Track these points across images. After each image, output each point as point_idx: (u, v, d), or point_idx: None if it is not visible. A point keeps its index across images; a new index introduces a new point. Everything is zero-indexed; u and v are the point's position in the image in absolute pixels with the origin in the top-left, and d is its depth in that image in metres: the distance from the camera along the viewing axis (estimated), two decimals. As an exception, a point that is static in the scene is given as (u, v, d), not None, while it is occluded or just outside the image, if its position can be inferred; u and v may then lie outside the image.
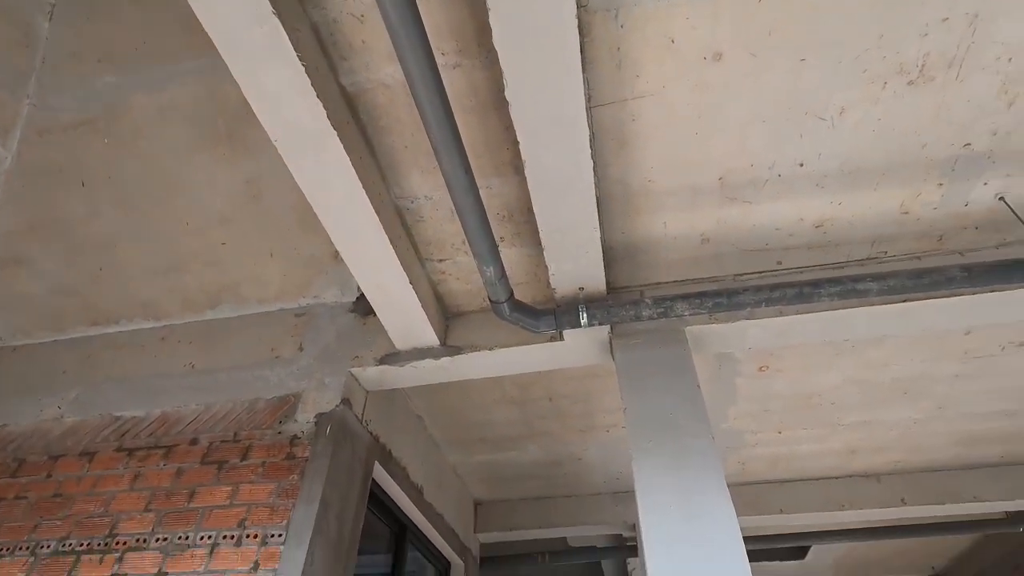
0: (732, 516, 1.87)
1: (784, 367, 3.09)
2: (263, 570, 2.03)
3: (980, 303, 2.26)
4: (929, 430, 3.59)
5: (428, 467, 3.53)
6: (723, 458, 3.93)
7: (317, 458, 2.30)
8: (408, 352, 2.62)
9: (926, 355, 2.98)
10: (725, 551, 1.79)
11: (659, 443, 2.08)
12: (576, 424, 3.60)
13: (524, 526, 4.38)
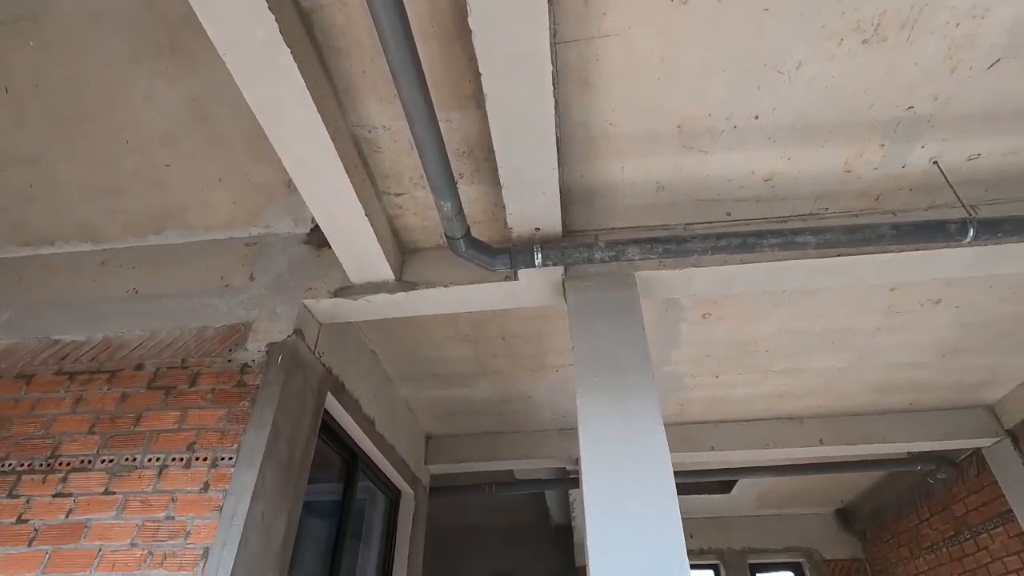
0: (664, 446, 2.02)
1: (726, 315, 3.25)
2: (213, 490, 2.08)
3: (905, 260, 2.43)
4: (850, 378, 3.90)
5: (381, 400, 3.60)
6: (664, 399, 4.17)
7: (268, 386, 2.31)
8: (363, 286, 2.62)
9: (853, 309, 3.20)
10: (655, 475, 1.94)
11: (603, 379, 2.19)
12: (527, 364, 3.72)
13: (473, 459, 4.57)
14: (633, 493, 1.94)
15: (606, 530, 1.93)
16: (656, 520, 1.92)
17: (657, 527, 1.91)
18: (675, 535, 1.88)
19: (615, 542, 1.92)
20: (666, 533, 1.90)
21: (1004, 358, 3.68)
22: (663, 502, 1.94)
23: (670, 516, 1.92)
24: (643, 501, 1.95)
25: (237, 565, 1.93)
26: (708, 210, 2.54)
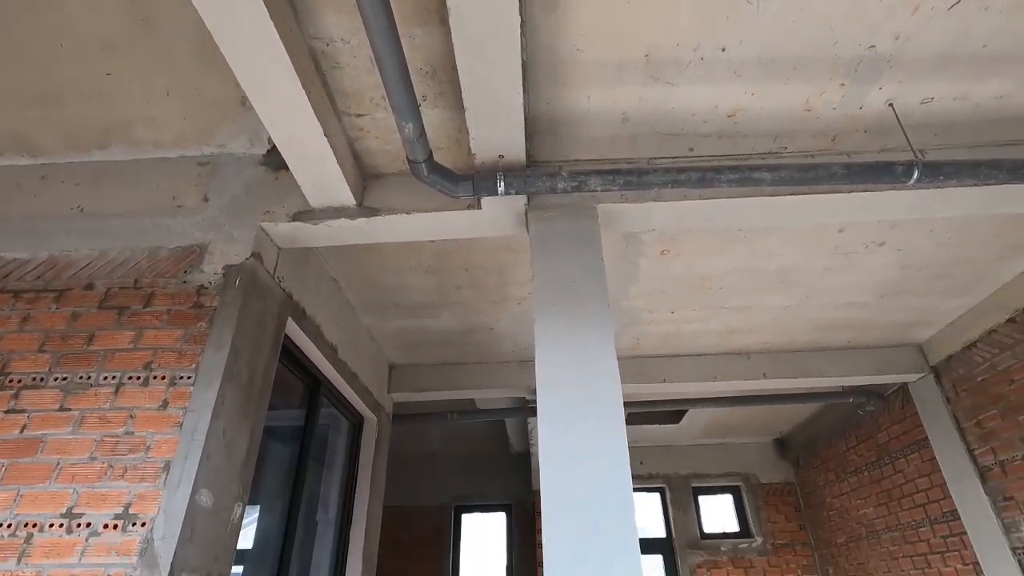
0: (615, 369, 2.12)
1: (683, 251, 3.35)
2: (173, 407, 2.10)
3: (854, 201, 2.53)
4: (795, 316, 4.11)
5: (343, 328, 3.62)
6: (621, 333, 4.32)
7: (226, 308, 2.30)
8: (323, 210, 2.57)
9: (804, 248, 3.34)
10: (605, 396, 2.06)
11: (561, 307, 2.26)
12: (489, 295, 3.78)
13: (435, 388, 4.70)
14: (583, 412, 2.06)
15: (557, 446, 2.05)
16: (603, 438, 2.05)
17: (604, 444, 2.04)
18: (620, 451, 2.02)
19: (564, 457, 2.04)
20: (612, 449, 2.03)
21: (937, 300, 3.93)
22: (611, 421, 2.07)
23: (616, 434, 2.05)
24: (592, 420, 2.07)
25: (199, 477, 1.98)
26: (671, 145, 2.56)
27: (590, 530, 1.91)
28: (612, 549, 1.89)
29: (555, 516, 1.93)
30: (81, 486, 1.96)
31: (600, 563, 1.85)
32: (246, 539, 3.26)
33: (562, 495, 1.96)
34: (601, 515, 1.93)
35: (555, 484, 1.97)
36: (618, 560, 1.87)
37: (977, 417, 4.07)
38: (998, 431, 3.89)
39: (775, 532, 6.73)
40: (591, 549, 1.88)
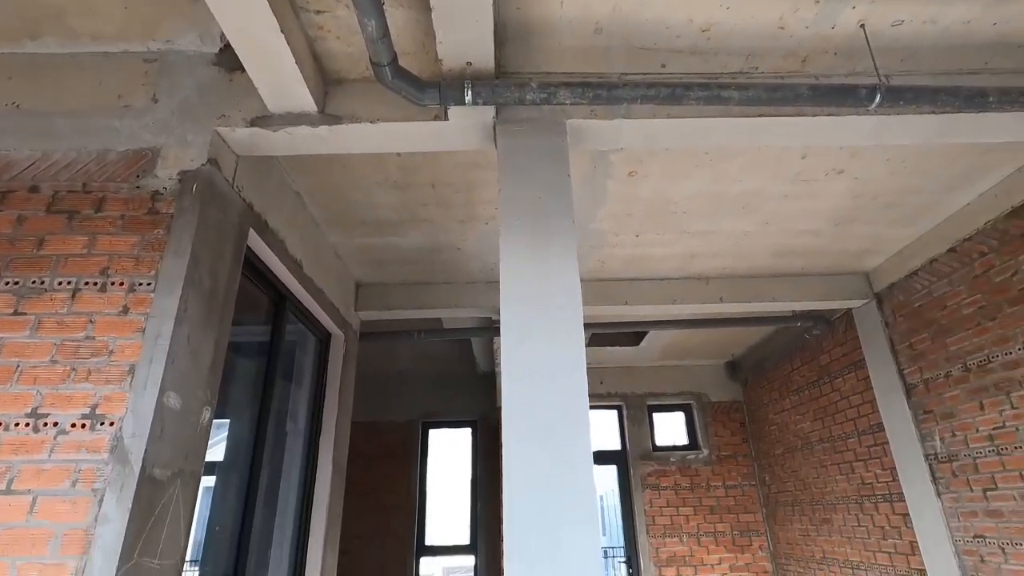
0: (576, 285, 2.19)
1: (650, 173, 3.37)
2: (134, 313, 2.08)
3: (818, 125, 2.56)
4: (754, 242, 4.25)
5: (307, 244, 3.58)
6: (587, 256, 4.40)
7: (184, 214, 2.24)
8: (282, 116, 2.47)
9: (766, 174, 3.40)
10: (566, 311, 2.14)
11: (526, 222, 2.29)
12: (457, 214, 3.76)
13: (402, 306, 4.75)
14: (545, 325, 2.14)
15: (518, 357, 2.14)
16: (563, 350, 2.14)
17: (563, 356, 2.14)
18: (578, 363, 2.12)
19: (524, 368, 2.14)
20: (571, 361, 2.13)
21: (886, 229, 4.10)
22: (570, 334, 2.16)
23: (575, 346, 2.15)
24: (553, 333, 2.15)
25: (166, 380, 2.01)
26: (643, 60, 2.51)
27: (547, 437, 2.04)
28: (567, 455, 2.03)
29: (514, 424, 2.04)
30: (44, 387, 1.97)
31: (555, 468, 1.99)
32: (217, 452, 3.36)
33: (521, 404, 2.07)
34: (557, 423, 2.06)
35: (515, 394, 2.08)
36: (572, 464, 2.01)
37: (910, 340, 4.38)
38: (926, 352, 4.21)
39: (720, 445, 7.28)
40: (547, 455, 2.02)
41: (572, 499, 1.97)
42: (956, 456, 3.95)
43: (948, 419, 4.02)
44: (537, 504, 1.97)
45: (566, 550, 1.94)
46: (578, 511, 1.95)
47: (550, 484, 2.00)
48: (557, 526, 1.93)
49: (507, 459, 1.99)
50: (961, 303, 3.90)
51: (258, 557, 3.82)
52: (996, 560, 3.64)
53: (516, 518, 1.93)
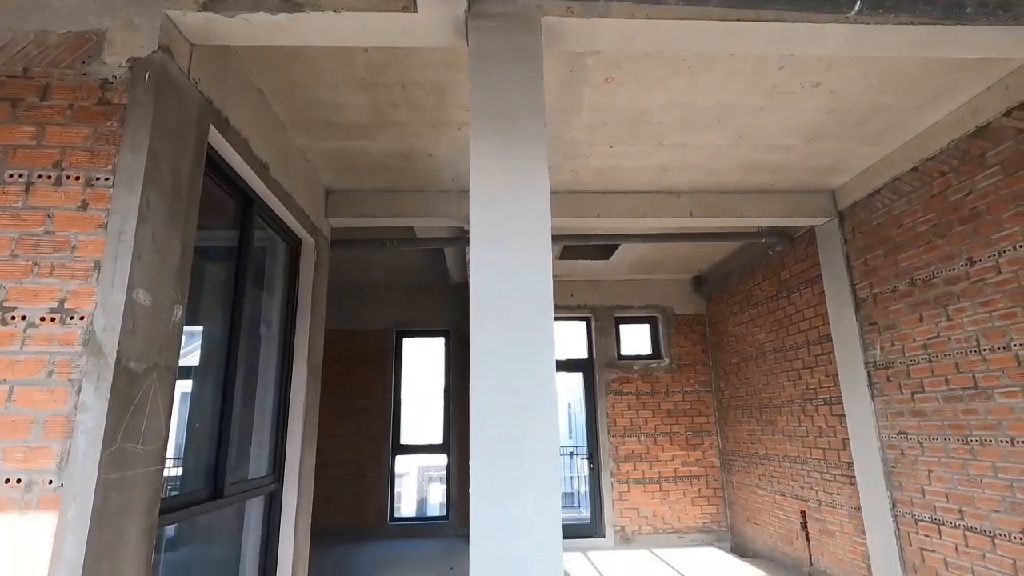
0: (545, 188, 2.21)
1: (627, 80, 3.29)
2: (94, 209, 2.04)
3: (796, 32, 2.51)
4: (726, 156, 4.26)
5: (273, 145, 3.46)
6: (560, 166, 4.37)
7: (137, 106, 2.14)
8: (238, 0, 2.30)
9: (742, 85, 3.36)
10: (534, 213, 2.17)
11: (498, 126, 2.25)
12: (428, 118, 3.65)
13: (374, 214, 4.71)
14: (513, 228, 2.18)
15: (486, 260, 2.19)
16: (531, 252, 2.20)
17: (531, 258, 2.20)
18: (544, 265, 2.19)
19: (492, 272, 2.20)
20: (538, 264, 2.20)
21: (855, 146, 4.15)
22: (538, 238, 2.20)
23: (542, 248, 2.20)
24: (521, 236, 2.20)
25: (134, 277, 2.01)
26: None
27: (513, 337, 2.14)
28: (531, 355, 2.14)
29: (481, 324, 2.13)
30: (7, 282, 1.96)
31: (519, 368, 2.11)
32: (192, 358, 3.42)
33: (489, 304, 2.15)
34: (523, 323, 2.15)
35: (483, 294, 2.15)
36: (535, 364, 2.13)
37: (864, 257, 4.59)
38: (878, 268, 4.43)
39: (681, 355, 7.69)
40: (512, 356, 2.12)
41: (534, 398, 2.11)
42: (892, 364, 4.29)
43: (890, 330, 4.32)
44: (501, 401, 2.11)
45: (528, 445, 2.11)
46: (539, 409, 2.10)
47: (514, 384, 2.13)
48: (520, 423, 2.08)
49: (474, 358, 2.10)
50: (916, 221, 4.05)
51: (239, 453, 4.01)
52: (914, 453, 4.07)
53: (481, 415, 2.07)
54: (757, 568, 5.79)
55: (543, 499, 2.02)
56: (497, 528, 1.98)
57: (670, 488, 7.22)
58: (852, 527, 4.78)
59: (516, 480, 2.02)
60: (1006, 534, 3.37)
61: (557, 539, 2.01)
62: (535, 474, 2.02)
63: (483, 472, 2.02)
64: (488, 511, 1.99)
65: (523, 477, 2.01)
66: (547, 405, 2.08)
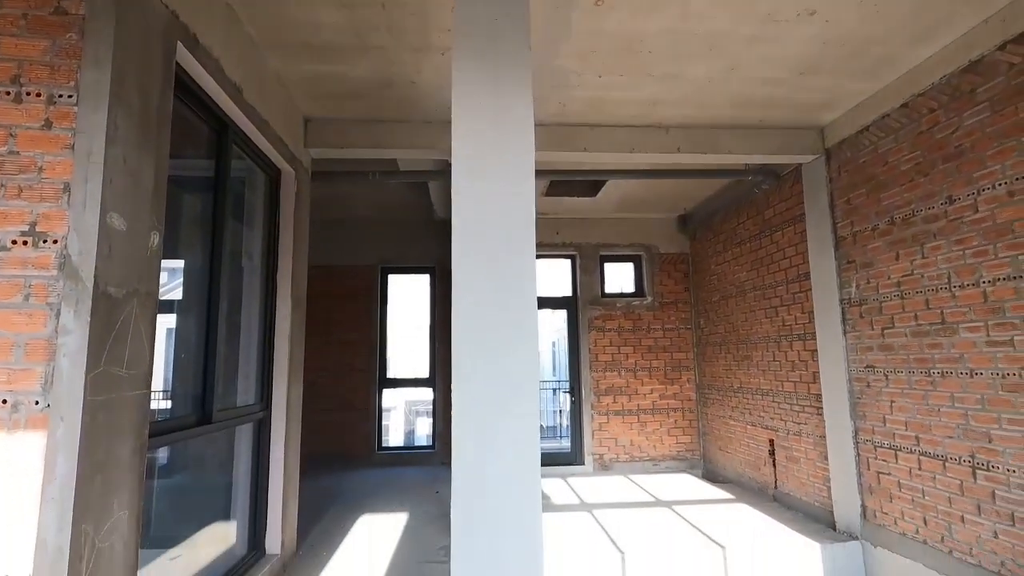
0: (529, 112, 2.16)
1: (617, 5, 3.15)
2: (59, 128, 1.96)
3: (794, -48, 2.41)
4: (717, 90, 4.17)
5: (247, 67, 3.30)
6: (548, 97, 4.25)
7: (97, 16, 2.01)
8: (199, -100, 2.13)
9: (737, 12, 3.23)
10: (517, 138, 2.13)
11: (482, 48, 2.17)
12: (411, 41, 3.49)
13: (355, 145, 4.58)
14: (497, 152, 2.14)
15: (468, 188, 2.17)
16: (514, 179, 2.18)
17: (513, 188, 2.18)
18: (527, 195, 2.17)
19: (475, 200, 2.18)
20: (520, 193, 2.18)
21: (847, 81, 4.08)
22: (521, 165, 2.18)
23: (525, 177, 2.18)
24: (505, 162, 2.17)
25: (106, 200, 1.96)
26: None
27: (494, 267, 2.15)
28: (512, 282, 2.16)
29: (464, 255, 2.14)
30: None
31: (500, 296, 2.13)
32: (177, 293, 3.40)
33: (472, 233, 2.15)
34: (505, 253, 2.16)
35: (465, 223, 2.14)
36: (517, 288, 2.16)
37: (848, 195, 4.61)
38: (860, 207, 4.46)
39: (664, 293, 7.81)
40: (493, 282, 2.15)
41: (515, 326, 2.15)
42: (866, 300, 4.41)
43: (866, 268, 4.41)
44: (482, 329, 2.15)
45: (509, 371, 2.16)
46: (520, 337, 2.14)
47: (495, 312, 2.16)
48: (501, 350, 2.13)
49: (456, 287, 2.12)
50: (901, 159, 4.05)
51: (226, 382, 4.08)
52: (879, 385, 4.27)
53: (463, 339, 2.11)
54: (725, 491, 6.16)
55: (522, 423, 2.10)
56: (478, 451, 2.07)
57: (648, 419, 7.53)
58: (816, 454, 5.07)
59: (496, 405, 2.09)
60: (956, 458, 3.61)
61: (535, 462, 2.11)
62: (515, 400, 2.09)
63: (465, 397, 2.08)
64: (469, 434, 2.08)
65: (503, 402, 2.09)
66: (527, 333, 2.12)
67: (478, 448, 2.09)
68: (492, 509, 2.03)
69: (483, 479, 2.08)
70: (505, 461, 2.08)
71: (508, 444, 2.09)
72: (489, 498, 2.03)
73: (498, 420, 2.11)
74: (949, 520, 3.66)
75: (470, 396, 2.09)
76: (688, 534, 4.64)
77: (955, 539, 3.61)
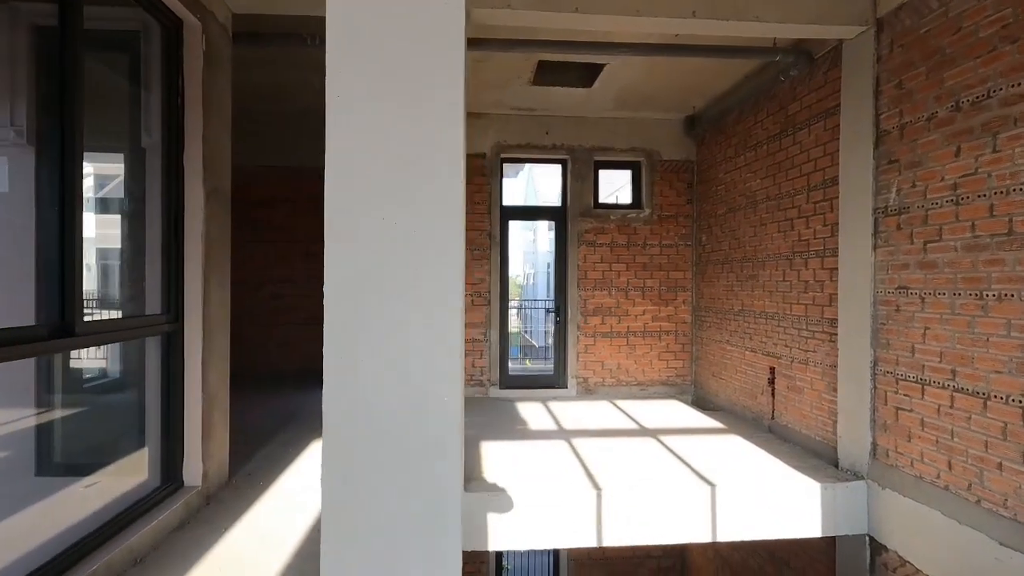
0: None
1: None
2: None
3: None
4: (753, -81, 3.16)
5: None
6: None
7: None
8: None
9: None
10: None
11: None
12: None
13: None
14: None
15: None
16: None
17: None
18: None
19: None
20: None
21: (926, -88, 3.07)
22: None
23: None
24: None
25: None
26: None
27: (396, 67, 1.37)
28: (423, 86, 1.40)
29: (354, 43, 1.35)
30: None
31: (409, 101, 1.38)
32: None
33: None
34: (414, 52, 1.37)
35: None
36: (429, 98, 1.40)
37: (900, 77, 3.71)
38: (915, 91, 3.58)
39: (663, 205, 7.00)
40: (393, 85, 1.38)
41: (426, 158, 1.41)
42: (908, 208, 3.64)
43: (913, 168, 3.60)
44: (377, 162, 1.41)
45: (416, 233, 1.45)
46: (434, 186, 1.41)
47: (397, 133, 1.41)
48: (405, 196, 1.40)
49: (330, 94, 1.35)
50: (980, 23, 3.14)
51: (132, 289, 3.38)
52: (912, 309, 3.60)
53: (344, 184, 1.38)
54: (716, 420, 5.69)
55: (436, 320, 1.43)
56: (369, 365, 1.40)
57: (637, 342, 6.97)
58: (824, 384, 4.50)
59: (398, 298, 1.40)
60: (1003, 396, 3.00)
61: (456, 382, 1.45)
62: (424, 288, 1.40)
63: (347, 294, 1.38)
64: (353, 342, 1.39)
65: (407, 292, 1.39)
66: (443, 170, 1.38)
67: (369, 359, 1.42)
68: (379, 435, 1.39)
69: (372, 410, 1.44)
70: (408, 378, 1.42)
71: (417, 348, 1.43)
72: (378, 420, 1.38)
73: (400, 316, 1.43)
74: (981, 466, 3.11)
75: (353, 288, 1.39)
76: (675, 469, 4.15)
77: (987, 488, 3.08)
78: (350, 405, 1.45)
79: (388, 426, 1.50)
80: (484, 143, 6.72)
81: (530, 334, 20.40)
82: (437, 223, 1.40)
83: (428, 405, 1.50)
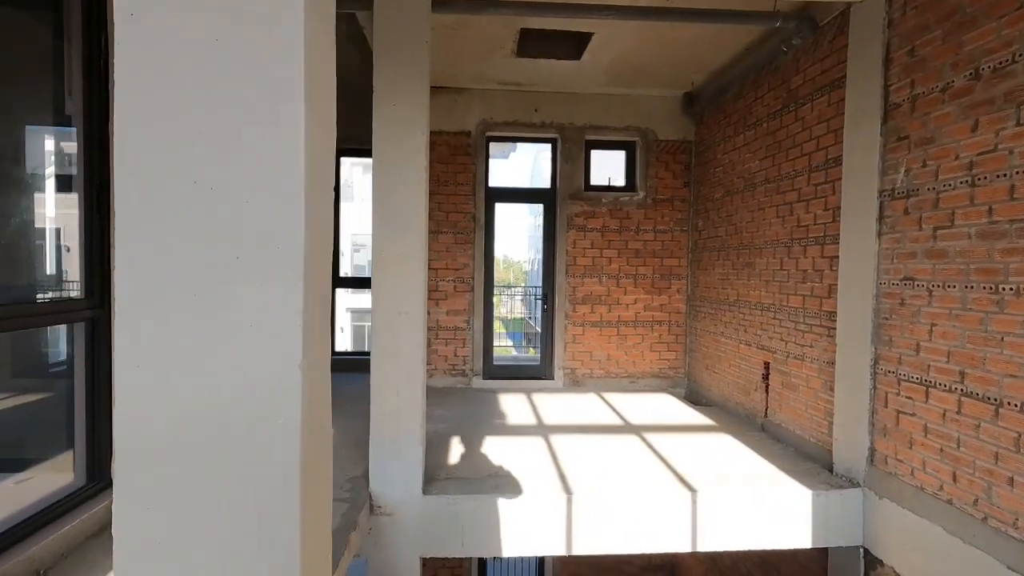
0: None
1: None
2: None
3: None
4: None
5: None
6: None
7: None
8: None
9: None
10: None
11: None
12: None
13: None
14: None
15: None
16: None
17: None
18: None
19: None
20: None
21: None
22: None
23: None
24: None
25: None
26: None
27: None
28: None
29: None
30: None
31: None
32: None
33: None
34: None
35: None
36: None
37: (913, 43, 3.31)
38: (929, 58, 3.19)
39: (659, 188, 6.62)
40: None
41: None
42: (917, 190, 3.27)
43: (924, 145, 3.22)
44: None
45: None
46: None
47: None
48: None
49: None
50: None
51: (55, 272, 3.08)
52: (918, 303, 3.24)
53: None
54: (707, 416, 5.37)
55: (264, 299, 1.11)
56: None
57: (628, 332, 6.64)
58: (820, 383, 4.16)
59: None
60: (1018, 403, 2.65)
61: (293, 387, 1.14)
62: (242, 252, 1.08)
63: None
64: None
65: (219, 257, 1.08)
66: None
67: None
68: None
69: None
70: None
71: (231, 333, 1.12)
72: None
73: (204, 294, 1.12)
74: (990, 480, 2.78)
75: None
76: (656, 471, 3.84)
77: (995, 505, 2.75)
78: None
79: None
80: (468, 120, 6.35)
81: (534, 321, 20.10)
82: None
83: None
